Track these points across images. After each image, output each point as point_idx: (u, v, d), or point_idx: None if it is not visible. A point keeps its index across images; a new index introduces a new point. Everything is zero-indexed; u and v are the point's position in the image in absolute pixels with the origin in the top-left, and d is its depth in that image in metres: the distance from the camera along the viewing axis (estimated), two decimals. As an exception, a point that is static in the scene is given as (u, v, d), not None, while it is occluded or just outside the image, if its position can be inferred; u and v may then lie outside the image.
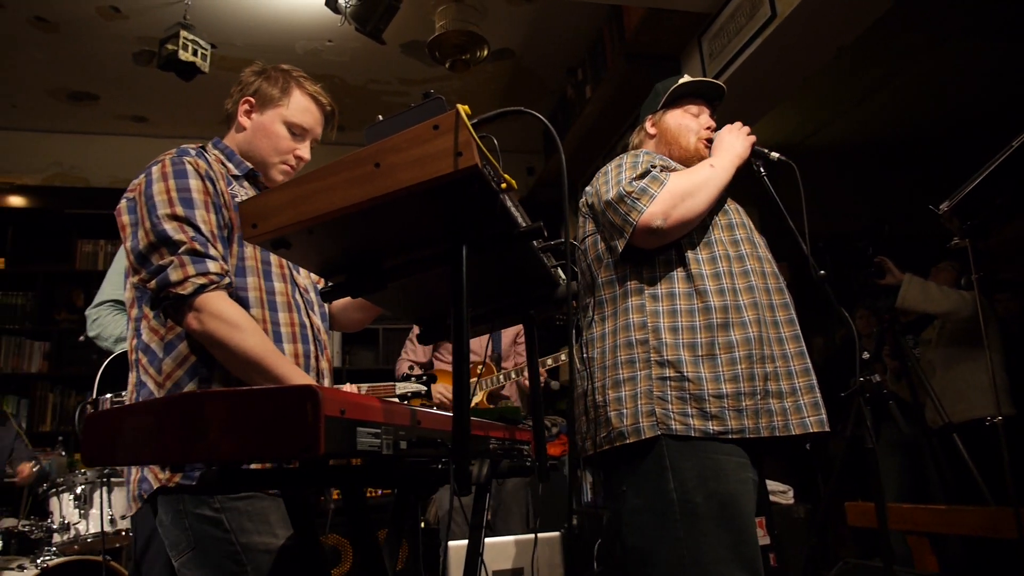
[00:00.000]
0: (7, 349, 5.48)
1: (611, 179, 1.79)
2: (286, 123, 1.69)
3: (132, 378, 1.50)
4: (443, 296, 1.35)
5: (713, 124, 1.99)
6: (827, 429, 1.68)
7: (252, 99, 1.70)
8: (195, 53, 3.89)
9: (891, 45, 4.45)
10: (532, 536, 2.70)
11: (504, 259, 1.20)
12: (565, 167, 1.02)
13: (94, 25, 4.44)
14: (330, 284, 1.11)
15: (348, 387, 2.63)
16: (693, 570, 1.52)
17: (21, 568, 2.95)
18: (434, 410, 1.09)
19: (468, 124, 0.86)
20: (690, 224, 1.73)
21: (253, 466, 1.08)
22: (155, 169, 1.51)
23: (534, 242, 1.20)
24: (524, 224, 1.11)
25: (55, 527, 3.18)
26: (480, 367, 3.47)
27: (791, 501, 3.35)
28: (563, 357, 3.42)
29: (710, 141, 1.94)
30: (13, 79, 5.01)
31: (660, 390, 1.65)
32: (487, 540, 2.42)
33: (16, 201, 5.61)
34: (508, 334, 3.79)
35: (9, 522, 3.73)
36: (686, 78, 2.00)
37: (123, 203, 1.52)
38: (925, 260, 3.97)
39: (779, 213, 1.96)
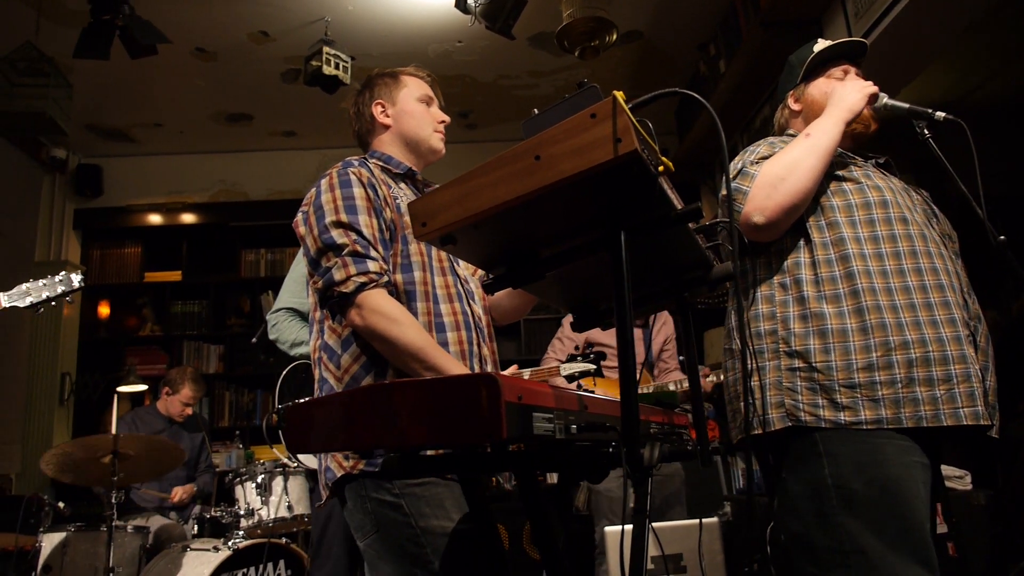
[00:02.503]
0: (188, 353, 6.05)
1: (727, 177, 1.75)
2: (417, 99, 1.83)
3: (316, 375, 1.62)
4: (595, 282, 1.36)
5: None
6: (984, 422, 1.52)
7: (381, 100, 1.83)
8: (337, 66, 4.11)
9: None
10: (688, 522, 2.67)
11: (659, 242, 1.19)
12: (725, 145, 1.00)
13: (246, 50, 4.79)
14: (491, 276, 1.15)
15: (512, 371, 2.69)
16: (857, 559, 1.45)
17: (216, 549, 3.25)
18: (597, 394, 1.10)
19: (626, 109, 0.86)
20: (796, 207, 1.64)
21: (430, 452, 1.14)
22: (323, 182, 1.64)
23: (689, 224, 1.19)
24: (680, 206, 1.10)
25: (241, 513, 3.48)
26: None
27: (968, 487, 3.11)
28: (712, 377, 3.31)
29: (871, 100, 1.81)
30: (180, 108, 5.51)
31: (789, 381, 1.61)
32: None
33: (188, 218, 6.16)
34: (657, 342, 3.74)
35: (204, 508, 4.14)
36: (821, 44, 1.89)
37: (299, 216, 1.65)
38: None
39: (943, 178, 1.81)
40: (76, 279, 2.24)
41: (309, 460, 2.60)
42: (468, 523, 1.47)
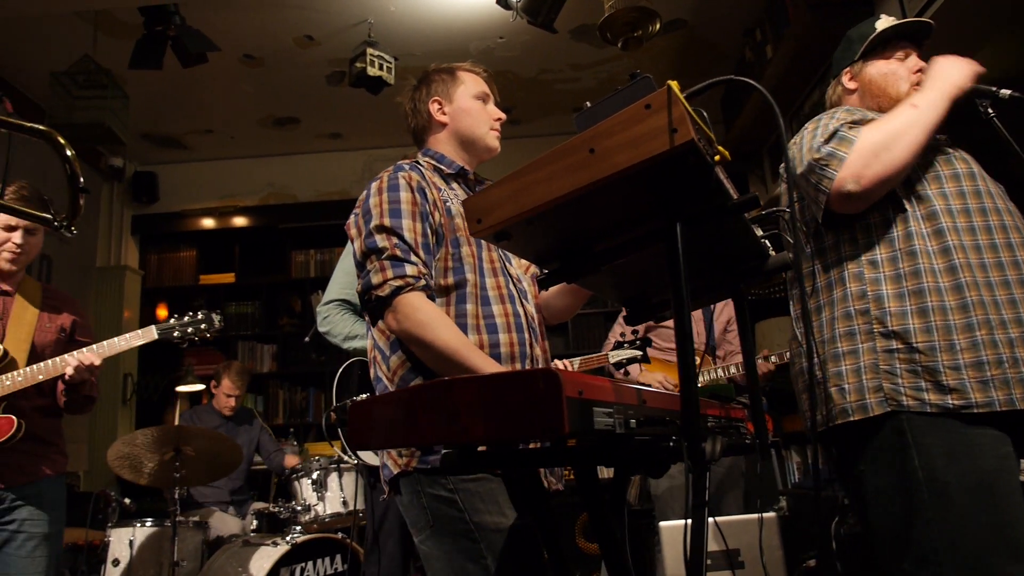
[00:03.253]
0: (243, 353, 6.20)
1: (804, 145, 1.68)
2: (474, 96, 1.82)
3: (372, 374, 1.65)
4: (648, 275, 1.35)
5: (924, 66, 1.79)
6: None
7: (438, 98, 1.82)
8: (381, 67, 4.15)
9: None
10: (745, 517, 2.63)
11: (715, 233, 1.18)
12: (783, 129, 0.98)
13: (292, 55, 4.87)
14: (545, 271, 1.15)
15: (560, 362, 2.68)
16: (950, 556, 1.39)
17: (275, 544, 3.32)
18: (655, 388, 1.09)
19: (682, 99, 0.85)
20: (892, 179, 1.57)
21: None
22: (374, 185, 1.65)
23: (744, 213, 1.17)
24: (735, 196, 1.08)
25: (299, 508, 3.55)
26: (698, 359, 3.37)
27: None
28: (773, 358, 3.25)
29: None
30: (230, 114, 5.63)
31: (887, 363, 1.53)
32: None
33: (240, 221, 6.30)
34: (719, 323, 3.68)
35: (260, 505, 4.24)
36: (884, 21, 1.82)
37: (351, 218, 1.67)
38: None
39: (1000, 160, 1.74)
40: (216, 319, 2.46)
41: (367, 456, 2.63)
42: (522, 519, 1.48)
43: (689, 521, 1.00)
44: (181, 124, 5.76)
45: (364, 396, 2.68)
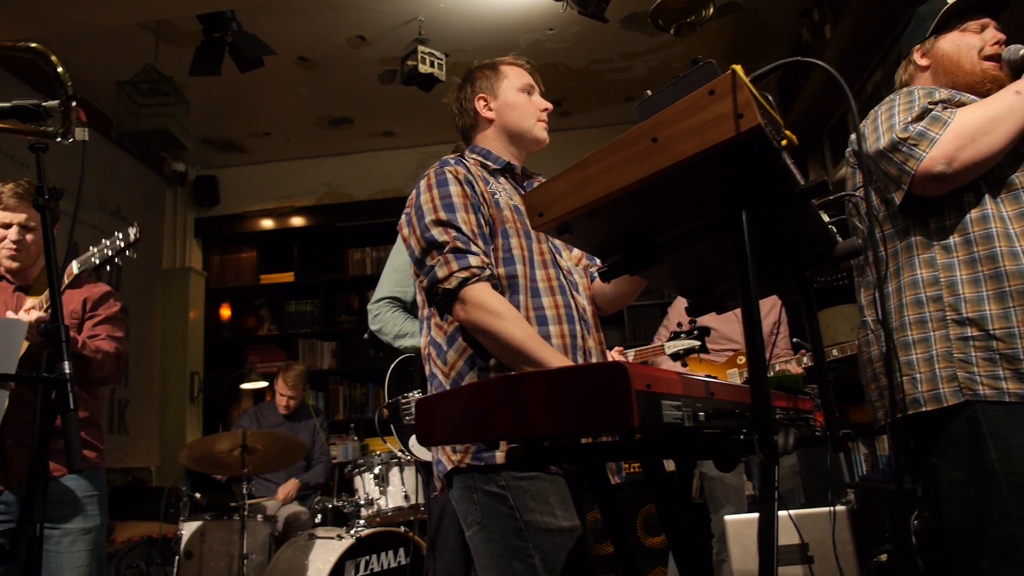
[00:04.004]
0: (303, 350, 6.33)
1: (881, 125, 1.62)
2: (519, 89, 1.81)
3: (427, 370, 1.66)
4: (711, 265, 1.32)
5: (1002, 37, 1.71)
6: None
7: (483, 95, 1.81)
8: (432, 64, 4.17)
9: None
10: (814, 511, 2.57)
11: (780, 219, 1.14)
12: (855, 110, 0.95)
13: (345, 55, 4.94)
14: (606, 264, 1.14)
15: (615, 353, 2.66)
16: None
17: (340, 538, 3.39)
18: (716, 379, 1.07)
19: (748, 83, 0.83)
20: (985, 165, 1.51)
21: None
22: (422, 183, 1.66)
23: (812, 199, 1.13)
24: (802, 181, 1.05)
25: (361, 502, 3.61)
26: (741, 358, 3.33)
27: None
28: (834, 352, 3.16)
29: (997, 58, 1.68)
30: (285, 116, 5.74)
31: (961, 351, 1.48)
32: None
33: (297, 221, 6.43)
34: (766, 324, 3.59)
35: (324, 499, 4.33)
36: None
37: (403, 218, 1.69)
38: None
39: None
40: (133, 231, 2.34)
41: (422, 452, 2.65)
42: (571, 520, 1.47)
43: (752, 516, 0.98)
44: (239, 128, 5.90)
45: (417, 392, 2.70)
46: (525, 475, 1.49)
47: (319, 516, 4.00)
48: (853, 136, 1.74)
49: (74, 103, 1.08)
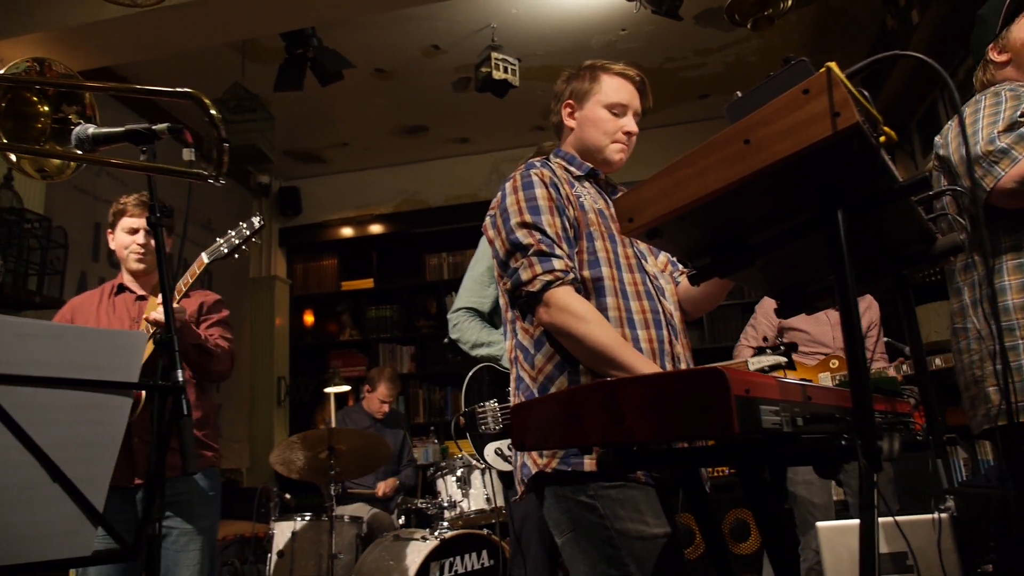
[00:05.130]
0: (383, 354, 6.48)
1: (967, 131, 1.57)
2: (605, 106, 1.75)
3: (512, 374, 1.66)
4: (802, 265, 1.29)
5: None
6: None
7: (571, 101, 1.79)
8: (506, 70, 4.21)
9: None
10: (914, 517, 2.46)
11: (878, 217, 1.11)
12: (958, 101, 0.91)
13: (419, 65, 5.03)
14: (695, 267, 1.13)
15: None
16: None
17: (424, 539, 3.45)
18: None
19: (844, 80, 0.81)
20: None
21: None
22: (508, 185, 1.67)
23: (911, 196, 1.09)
24: (899, 178, 1.02)
25: (444, 504, 3.67)
26: (834, 361, 3.22)
27: None
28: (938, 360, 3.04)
29: None
30: (364, 127, 5.90)
31: None
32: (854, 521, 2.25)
33: (376, 229, 6.59)
34: (863, 323, 3.47)
35: (407, 500, 4.42)
36: None
37: (487, 220, 1.70)
38: None
39: None
40: (256, 220, 2.46)
41: (497, 462, 2.67)
42: (663, 527, 1.46)
43: (854, 522, 0.96)
44: (319, 139, 6.09)
45: (493, 402, 2.72)
46: (614, 484, 1.48)
47: (402, 518, 4.08)
48: (938, 138, 1.69)
49: (226, 144, 1.15)
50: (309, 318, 6.80)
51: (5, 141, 1.36)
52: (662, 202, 0.93)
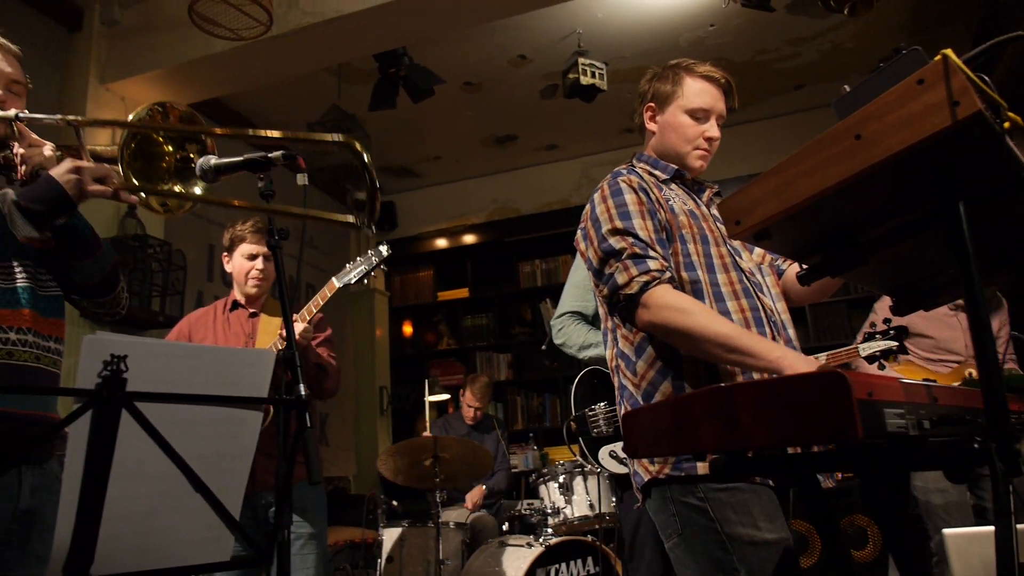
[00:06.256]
0: (480, 362, 6.56)
1: None
2: (687, 111, 1.71)
3: (615, 382, 1.66)
4: (917, 260, 1.23)
5: None
6: None
7: (652, 103, 1.77)
8: (593, 75, 4.21)
9: None
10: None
11: (1001, 207, 1.05)
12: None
13: (507, 75, 5.10)
14: (805, 266, 1.10)
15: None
16: None
17: (529, 545, 3.47)
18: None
19: (962, 67, 0.77)
20: None
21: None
22: (596, 195, 1.66)
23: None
24: (1028, 164, 0.96)
25: (548, 511, 3.68)
26: (969, 372, 3.00)
27: None
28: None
29: None
30: (454, 140, 6.02)
31: None
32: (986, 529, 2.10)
33: (469, 239, 6.71)
34: (994, 323, 3.24)
35: (509, 505, 4.46)
36: None
37: (579, 233, 1.70)
38: None
39: None
40: (384, 248, 2.60)
41: (612, 465, 2.66)
42: (777, 532, 1.41)
43: (986, 530, 0.90)
44: (412, 154, 6.25)
45: (603, 404, 2.71)
46: (724, 486, 1.45)
47: (506, 524, 4.12)
48: None
49: (378, 191, 1.20)
50: (408, 329, 6.98)
51: (136, 182, 1.47)
52: (770, 203, 0.92)
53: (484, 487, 4.55)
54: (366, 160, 1.18)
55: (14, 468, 1.38)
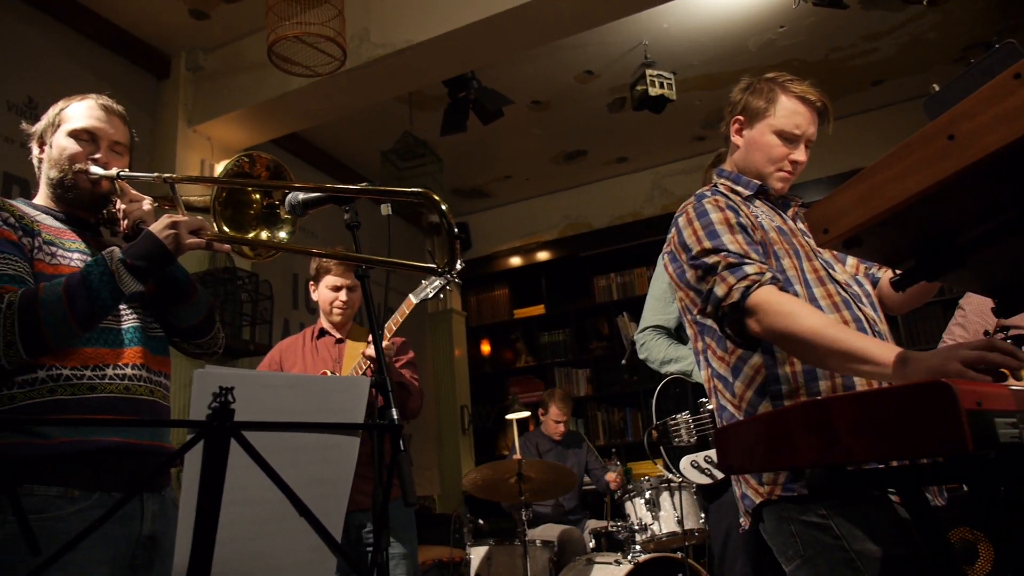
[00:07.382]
0: (559, 379, 6.55)
1: None
2: (775, 131, 1.65)
3: (713, 403, 1.61)
4: (1021, 258, 1.17)
5: None
6: None
7: (741, 116, 1.71)
8: (661, 85, 4.18)
9: None
10: None
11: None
12: None
13: (574, 92, 5.12)
14: (900, 271, 1.06)
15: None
16: None
17: (617, 563, 3.43)
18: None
19: (1063, 59, 0.74)
20: None
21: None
22: (681, 220, 1.63)
23: None
24: None
25: (635, 527, 3.63)
26: None
27: None
28: None
29: None
30: (524, 158, 6.07)
31: None
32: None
33: (543, 256, 6.73)
34: None
35: (595, 523, 4.41)
36: None
37: (666, 257, 1.67)
38: None
39: None
40: (457, 263, 2.65)
41: (693, 475, 2.61)
42: (907, 547, 1.32)
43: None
44: (483, 175, 6.34)
45: (685, 414, 2.67)
46: (847, 501, 1.37)
47: (592, 541, 4.08)
48: None
49: (457, 240, 1.25)
50: (486, 347, 7.04)
51: (228, 231, 1.56)
52: (859, 210, 0.89)
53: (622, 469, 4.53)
54: (444, 210, 1.21)
55: (136, 496, 1.47)
